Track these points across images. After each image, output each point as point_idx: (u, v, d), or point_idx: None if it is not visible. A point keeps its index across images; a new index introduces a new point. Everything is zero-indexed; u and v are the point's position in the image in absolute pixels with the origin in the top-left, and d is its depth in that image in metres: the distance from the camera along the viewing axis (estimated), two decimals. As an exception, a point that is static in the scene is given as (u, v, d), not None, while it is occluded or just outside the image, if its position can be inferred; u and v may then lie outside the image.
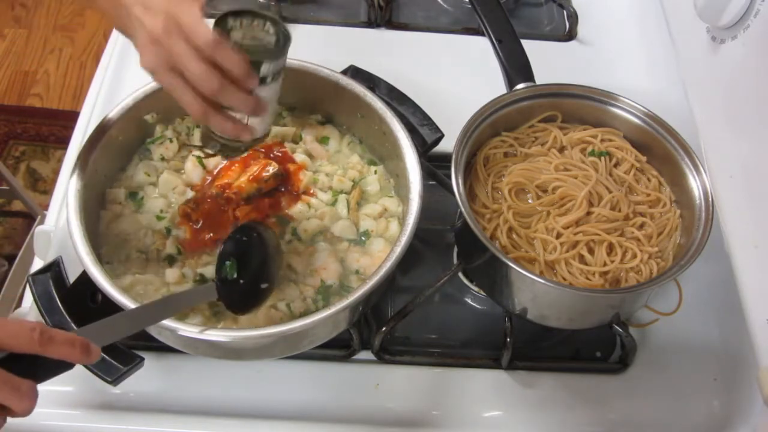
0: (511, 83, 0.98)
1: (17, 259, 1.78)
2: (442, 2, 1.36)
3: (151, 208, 0.92)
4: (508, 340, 0.92)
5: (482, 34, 1.04)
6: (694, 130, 0.88)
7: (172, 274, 0.86)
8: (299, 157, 0.96)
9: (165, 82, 0.73)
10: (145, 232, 0.90)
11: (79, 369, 0.74)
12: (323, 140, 1.00)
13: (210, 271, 0.87)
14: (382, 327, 0.91)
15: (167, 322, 0.75)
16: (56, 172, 1.09)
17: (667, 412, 0.92)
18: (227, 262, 0.81)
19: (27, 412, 0.59)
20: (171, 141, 0.96)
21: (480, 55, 1.07)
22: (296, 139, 1.00)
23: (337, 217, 0.93)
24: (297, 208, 0.92)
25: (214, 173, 0.94)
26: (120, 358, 0.77)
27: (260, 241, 0.84)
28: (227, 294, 0.80)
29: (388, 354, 0.94)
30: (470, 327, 0.99)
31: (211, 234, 0.90)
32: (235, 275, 0.81)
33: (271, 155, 0.96)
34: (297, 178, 0.94)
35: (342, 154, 1.00)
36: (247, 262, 0.82)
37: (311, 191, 0.94)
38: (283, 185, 0.93)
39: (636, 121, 0.96)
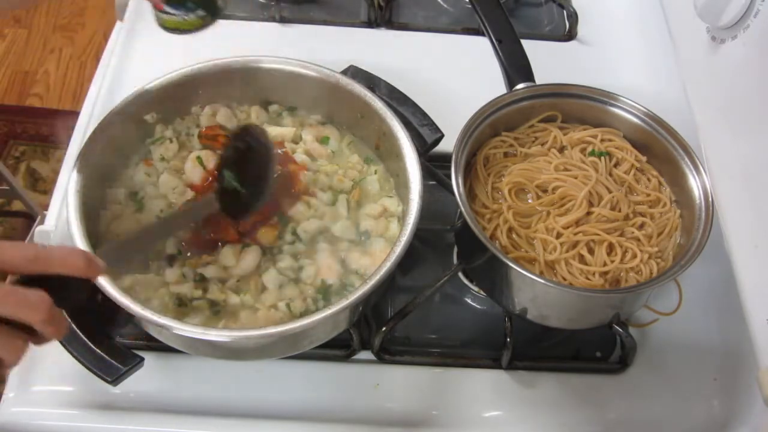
0: (511, 83, 0.98)
1: (17, 259, 1.77)
2: (442, 2, 1.36)
3: (151, 208, 0.92)
4: (508, 340, 0.92)
5: (482, 34, 1.04)
6: (694, 130, 0.88)
7: (172, 274, 0.86)
8: (299, 157, 0.96)
9: None
10: (145, 232, 0.90)
11: (79, 369, 0.75)
12: (323, 140, 1.00)
13: (210, 271, 0.87)
14: (382, 327, 0.91)
15: (167, 322, 0.76)
16: (56, 172, 1.08)
17: (666, 412, 0.92)
18: (228, 173, 0.85)
19: (45, 325, 0.58)
20: (171, 141, 0.96)
21: (480, 55, 1.07)
22: (296, 139, 1.00)
23: (337, 217, 0.93)
24: (297, 208, 0.92)
25: (214, 173, 0.94)
26: (120, 358, 0.76)
27: (257, 147, 0.87)
28: (227, 203, 0.85)
29: (388, 354, 0.94)
30: (470, 327, 0.99)
31: (211, 234, 0.90)
32: (236, 185, 0.85)
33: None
34: (297, 179, 0.94)
35: (342, 154, 1.00)
36: (245, 169, 0.86)
37: (311, 191, 0.94)
38: (283, 186, 0.93)
39: (636, 121, 0.96)
